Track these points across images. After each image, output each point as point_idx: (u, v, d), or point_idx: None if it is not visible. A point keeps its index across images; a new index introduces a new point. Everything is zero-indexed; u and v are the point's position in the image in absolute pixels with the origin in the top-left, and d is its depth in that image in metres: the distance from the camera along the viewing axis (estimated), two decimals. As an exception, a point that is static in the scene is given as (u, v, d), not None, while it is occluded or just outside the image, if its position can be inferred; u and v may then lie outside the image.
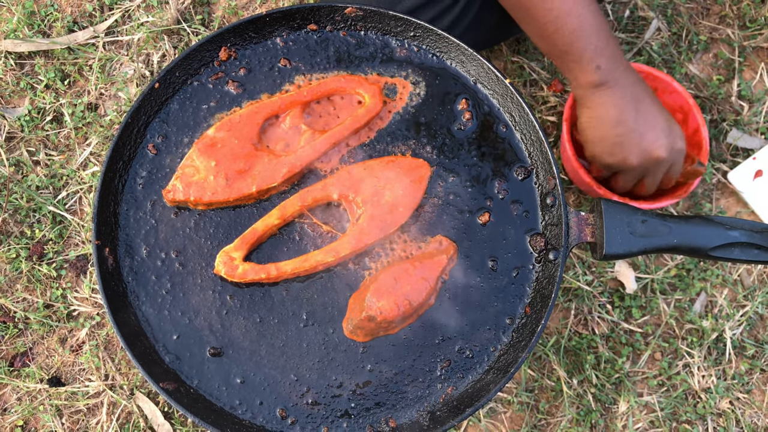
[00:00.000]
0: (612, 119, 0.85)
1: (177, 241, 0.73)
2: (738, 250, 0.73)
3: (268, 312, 0.72)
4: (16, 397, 1.04)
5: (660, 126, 0.86)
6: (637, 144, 0.86)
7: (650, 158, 0.87)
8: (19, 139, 1.12)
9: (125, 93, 1.13)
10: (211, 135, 0.74)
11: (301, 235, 0.74)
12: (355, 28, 0.80)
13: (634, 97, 0.85)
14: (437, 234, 0.75)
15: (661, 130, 0.86)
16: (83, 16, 1.17)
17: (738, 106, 1.15)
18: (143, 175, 0.75)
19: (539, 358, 1.07)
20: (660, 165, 0.88)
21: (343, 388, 0.71)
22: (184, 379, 0.70)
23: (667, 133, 0.86)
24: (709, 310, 1.10)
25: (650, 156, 0.86)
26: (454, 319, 0.73)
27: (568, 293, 1.08)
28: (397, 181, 0.74)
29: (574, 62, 0.83)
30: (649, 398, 1.06)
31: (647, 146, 0.86)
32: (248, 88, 0.78)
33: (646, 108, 0.86)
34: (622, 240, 0.72)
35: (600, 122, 0.86)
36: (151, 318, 0.72)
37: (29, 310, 1.06)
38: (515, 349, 0.71)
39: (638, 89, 0.85)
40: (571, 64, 0.84)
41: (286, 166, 0.74)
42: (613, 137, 0.86)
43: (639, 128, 0.85)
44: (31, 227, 1.09)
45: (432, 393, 0.71)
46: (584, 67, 0.83)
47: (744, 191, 1.11)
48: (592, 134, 0.88)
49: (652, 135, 0.85)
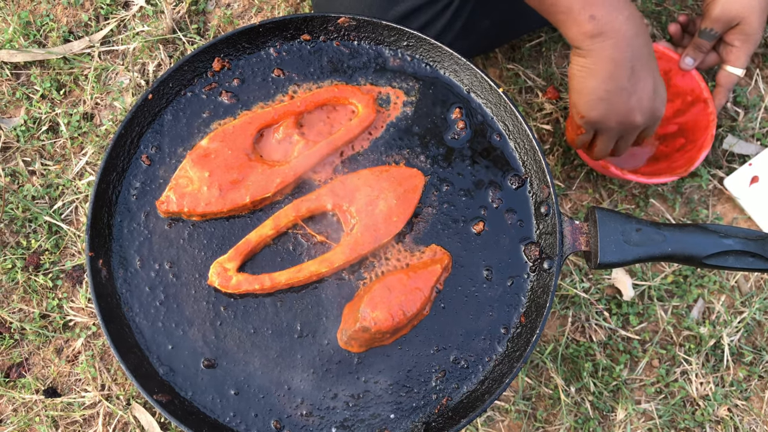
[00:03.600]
0: (605, 73, 0.79)
1: (171, 252, 0.73)
2: (733, 258, 0.72)
3: (262, 323, 0.72)
4: (11, 408, 1.04)
5: (649, 88, 0.82)
6: (623, 103, 0.81)
7: (629, 122, 0.83)
8: (14, 149, 1.12)
9: (121, 102, 1.13)
10: (205, 146, 0.74)
11: (295, 246, 0.74)
12: (348, 38, 0.80)
13: (633, 52, 0.79)
14: (431, 243, 0.75)
15: (648, 93, 0.82)
16: (79, 25, 1.17)
17: (734, 112, 1.15)
18: (137, 186, 0.75)
19: (536, 366, 1.06)
20: (636, 129, 0.85)
21: (338, 399, 0.71)
22: (178, 391, 0.70)
23: (653, 97, 0.83)
24: (706, 317, 1.09)
25: (630, 119, 0.83)
26: (449, 329, 0.73)
27: (565, 300, 1.08)
28: (391, 191, 0.74)
29: (564, 14, 0.78)
30: (647, 406, 1.06)
31: (631, 108, 0.82)
32: (242, 98, 0.78)
33: (641, 66, 0.80)
34: (617, 249, 0.72)
35: (591, 74, 0.80)
36: (145, 329, 0.71)
37: (25, 320, 1.06)
38: (510, 358, 0.71)
39: (639, 43, 0.79)
40: (560, 16, 0.78)
41: (280, 176, 0.74)
42: (601, 92, 0.80)
43: (629, 87, 0.80)
44: (27, 237, 1.09)
45: (427, 403, 0.71)
46: (576, 17, 0.77)
47: (740, 197, 1.11)
48: (580, 84, 0.82)
49: (639, 97, 0.81)
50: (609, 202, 1.12)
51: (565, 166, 1.13)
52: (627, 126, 0.84)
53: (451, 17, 0.94)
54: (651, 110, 0.83)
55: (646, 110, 0.83)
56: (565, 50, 1.17)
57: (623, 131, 0.86)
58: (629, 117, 0.83)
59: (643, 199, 1.12)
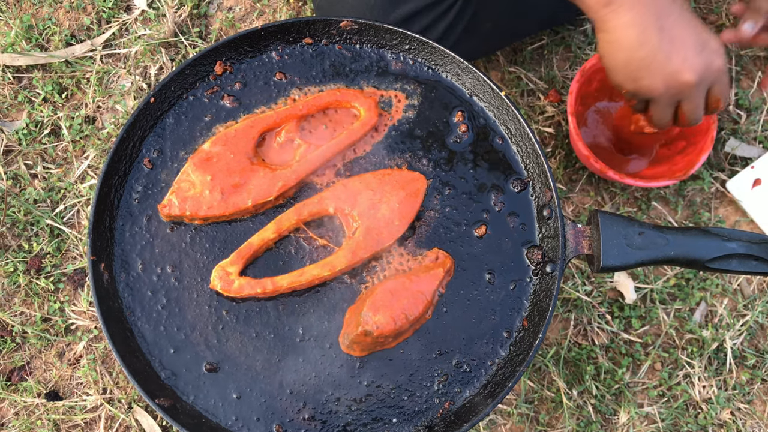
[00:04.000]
0: (631, 42, 0.74)
1: (173, 256, 0.73)
2: (736, 262, 0.72)
3: (264, 327, 0.72)
4: (13, 412, 1.04)
5: (690, 43, 0.74)
6: (663, 67, 0.75)
7: (679, 83, 0.76)
8: (16, 153, 1.12)
9: (123, 106, 1.13)
10: (207, 149, 0.74)
11: (297, 249, 0.74)
12: (350, 42, 0.80)
13: (657, 11, 0.73)
14: (434, 247, 0.74)
15: (692, 47, 0.74)
16: (81, 29, 1.17)
17: (736, 115, 1.15)
18: (139, 190, 0.75)
19: (539, 370, 1.06)
20: (693, 90, 0.77)
21: (340, 403, 0.70)
22: (180, 395, 0.70)
23: (699, 50, 0.75)
24: (709, 320, 1.09)
25: (678, 80, 0.75)
26: (451, 333, 0.72)
27: (567, 304, 1.08)
28: (393, 195, 0.74)
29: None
30: (650, 409, 1.05)
31: (675, 69, 0.75)
32: (244, 102, 0.78)
33: (672, 23, 0.74)
34: (619, 252, 0.72)
35: (618, 47, 0.75)
36: (147, 334, 0.71)
37: (27, 323, 1.06)
38: (513, 362, 0.71)
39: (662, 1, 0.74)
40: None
41: (282, 180, 0.74)
42: (634, 62, 0.75)
43: (665, 48, 0.74)
44: (29, 241, 1.09)
45: (430, 408, 0.71)
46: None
47: (743, 200, 1.10)
48: (611, 61, 0.77)
49: (680, 55, 0.74)
50: (611, 205, 1.12)
51: (567, 170, 1.13)
52: (679, 89, 0.77)
53: (453, 20, 0.94)
54: (702, 65, 0.75)
55: (695, 66, 0.75)
56: (567, 53, 1.17)
57: (677, 95, 0.78)
58: (677, 78, 0.76)
59: (645, 202, 1.12)
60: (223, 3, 1.19)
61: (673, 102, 0.80)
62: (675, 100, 0.79)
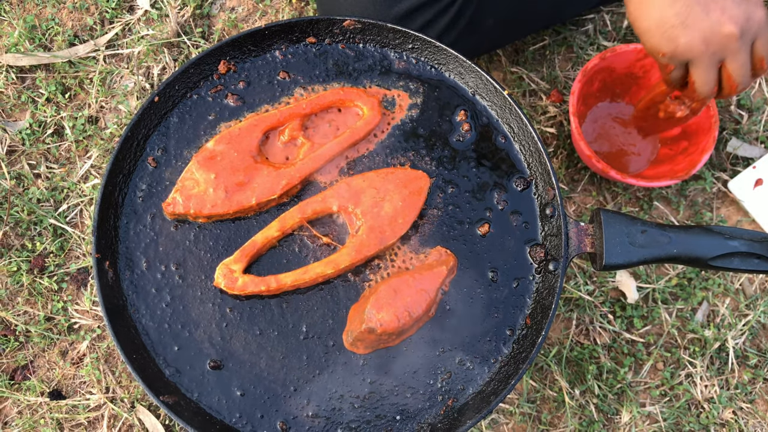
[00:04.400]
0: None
1: (177, 253, 0.73)
2: (738, 260, 0.72)
3: (267, 324, 0.72)
4: (16, 411, 1.04)
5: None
6: (700, 20, 0.71)
7: (720, 36, 0.71)
8: (20, 153, 1.12)
9: (125, 106, 1.13)
10: (211, 148, 0.74)
11: (301, 247, 0.74)
12: (353, 41, 0.80)
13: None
14: (437, 245, 0.75)
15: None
16: (84, 29, 1.17)
17: (737, 115, 1.15)
18: (143, 188, 0.75)
19: (541, 369, 1.06)
20: (737, 43, 0.72)
21: (344, 401, 0.71)
22: (184, 392, 0.70)
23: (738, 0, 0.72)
24: (711, 320, 1.09)
25: (720, 33, 0.71)
26: (454, 331, 0.73)
27: (569, 303, 1.08)
28: (396, 193, 0.74)
29: None
30: (652, 408, 1.05)
31: (715, 21, 0.71)
32: (248, 100, 0.78)
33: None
34: (622, 250, 0.72)
35: (650, 4, 0.72)
36: (151, 331, 0.72)
37: (30, 323, 1.06)
38: (516, 360, 0.71)
39: None
40: None
41: (285, 178, 0.74)
42: (669, 19, 0.72)
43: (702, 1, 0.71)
44: (32, 240, 1.09)
45: (433, 405, 0.71)
46: None
47: (744, 200, 1.11)
48: (645, 24, 0.73)
49: (719, 5, 0.71)
50: (613, 204, 1.12)
51: (569, 169, 1.13)
52: (721, 44, 0.72)
53: (454, 15, 0.94)
54: (743, 15, 0.71)
55: (736, 17, 0.71)
56: (569, 53, 1.18)
57: (720, 52, 0.73)
58: (719, 31, 0.71)
59: (647, 201, 1.12)
60: (226, 3, 1.20)
61: (717, 61, 0.74)
62: (718, 59, 0.74)
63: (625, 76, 1.09)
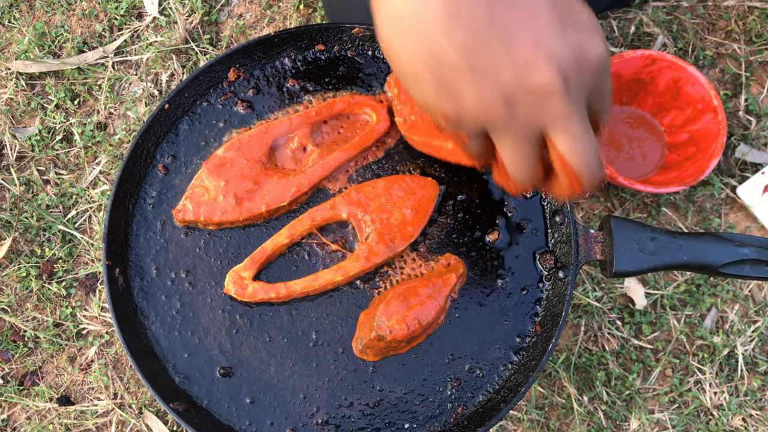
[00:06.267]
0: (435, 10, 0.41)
1: (187, 260, 0.74)
2: (749, 267, 0.72)
3: (277, 331, 0.72)
4: (25, 416, 1.04)
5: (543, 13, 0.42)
6: (498, 61, 0.42)
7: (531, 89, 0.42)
8: (29, 159, 1.13)
9: (134, 112, 1.14)
10: (221, 155, 0.75)
11: (310, 254, 0.74)
12: (363, 48, 0.80)
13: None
14: (446, 252, 0.75)
15: (547, 21, 0.42)
16: (93, 36, 1.18)
17: (746, 121, 1.15)
18: (153, 195, 0.75)
19: (549, 375, 1.06)
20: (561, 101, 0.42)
21: (353, 408, 0.71)
22: (194, 400, 0.70)
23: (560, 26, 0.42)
24: (720, 326, 1.09)
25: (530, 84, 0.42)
26: (463, 338, 0.73)
27: (577, 309, 1.08)
28: (405, 200, 0.74)
29: None
30: (661, 415, 1.05)
31: (520, 63, 0.42)
32: (257, 108, 0.78)
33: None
34: (632, 257, 0.72)
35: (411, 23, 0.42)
36: (161, 338, 0.72)
37: (39, 328, 1.07)
38: (526, 368, 0.71)
39: None
40: None
41: (295, 185, 0.74)
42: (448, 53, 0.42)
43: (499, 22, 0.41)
44: (41, 246, 1.09)
45: (442, 412, 0.71)
46: None
47: (753, 206, 1.10)
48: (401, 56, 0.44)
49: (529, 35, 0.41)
50: (621, 210, 1.12)
51: (576, 175, 1.13)
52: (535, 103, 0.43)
53: None
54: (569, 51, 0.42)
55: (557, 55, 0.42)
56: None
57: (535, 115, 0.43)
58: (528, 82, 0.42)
59: (655, 207, 1.12)
60: (234, 10, 1.20)
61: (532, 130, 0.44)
62: (534, 127, 0.44)
63: (632, 81, 1.09)
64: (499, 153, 0.47)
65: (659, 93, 1.10)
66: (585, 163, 0.44)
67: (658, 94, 1.10)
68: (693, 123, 1.09)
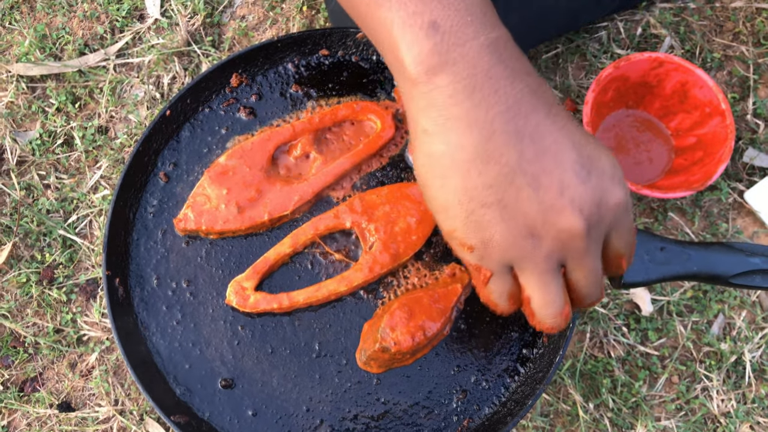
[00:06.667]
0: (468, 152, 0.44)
1: (188, 270, 0.73)
2: (759, 278, 0.71)
3: (280, 343, 0.71)
4: (26, 423, 1.04)
5: (568, 160, 0.45)
6: (526, 202, 0.45)
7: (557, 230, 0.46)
8: (30, 163, 1.12)
9: (135, 116, 1.13)
10: (223, 163, 0.74)
11: (314, 264, 0.73)
12: (367, 53, 0.79)
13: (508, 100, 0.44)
14: (452, 262, 0.73)
15: (572, 167, 0.45)
16: (94, 38, 1.17)
17: (754, 125, 1.13)
18: (154, 204, 0.74)
19: (554, 382, 1.05)
20: (582, 242, 0.46)
21: (357, 421, 0.69)
22: (195, 412, 0.69)
23: (585, 172, 0.46)
24: (727, 333, 1.08)
25: (556, 226, 0.46)
26: (469, 350, 0.71)
27: (583, 316, 1.07)
28: (410, 209, 0.73)
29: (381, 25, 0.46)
30: (667, 423, 1.04)
31: (548, 207, 0.45)
32: (260, 114, 0.77)
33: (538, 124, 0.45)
34: (641, 268, 0.70)
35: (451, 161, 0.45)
36: (162, 349, 0.71)
37: (39, 334, 1.06)
38: (533, 380, 0.70)
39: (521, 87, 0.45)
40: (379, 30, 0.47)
41: (298, 193, 0.73)
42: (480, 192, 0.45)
43: (528, 166, 0.44)
44: (42, 251, 1.08)
45: (448, 425, 0.70)
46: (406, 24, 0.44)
47: (761, 211, 1.09)
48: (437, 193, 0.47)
49: (555, 180, 0.45)
50: (627, 215, 1.11)
51: (582, 180, 1.11)
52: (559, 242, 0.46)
53: None
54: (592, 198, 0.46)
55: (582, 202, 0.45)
56: (582, 62, 1.16)
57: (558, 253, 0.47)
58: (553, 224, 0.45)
59: (662, 212, 1.11)
60: (236, 12, 1.19)
61: (555, 265, 0.48)
62: (556, 262, 0.48)
63: (639, 84, 1.08)
64: (526, 289, 0.50)
65: (666, 96, 1.08)
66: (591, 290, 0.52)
67: (665, 98, 1.09)
68: (700, 127, 1.07)
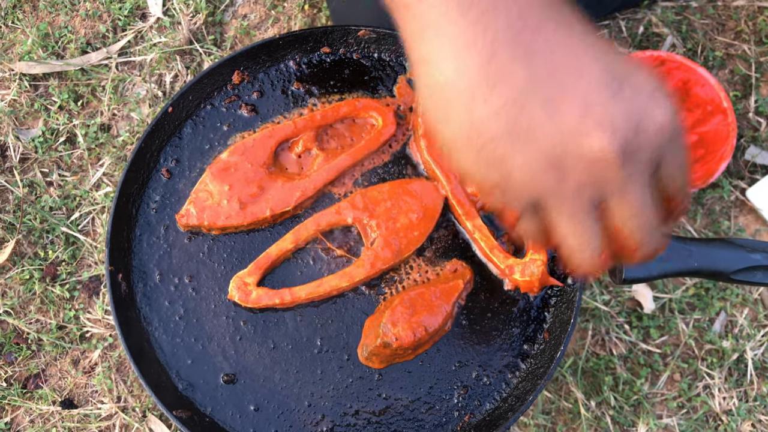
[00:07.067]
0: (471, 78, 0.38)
1: (190, 266, 0.73)
2: (761, 274, 0.71)
3: (282, 338, 0.71)
4: (28, 420, 1.04)
5: (594, 74, 0.37)
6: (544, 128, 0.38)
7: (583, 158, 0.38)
8: (33, 161, 1.12)
9: (138, 113, 1.13)
10: (225, 159, 0.74)
11: (315, 260, 0.73)
12: (368, 50, 0.79)
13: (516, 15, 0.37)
14: (453, 258, 0.74)
15: (597, 82, 0.37)
16: (96, 37, 1.17)
17: (756, 123, 1.13)
18: (156, 200, 0.74)
19: (556, 380, 1.05)
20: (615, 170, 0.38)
21: (359, 416, 0.70)
22: (197, 407, 0.70)
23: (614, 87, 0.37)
24: (729, 330, 1.08)
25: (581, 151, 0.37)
26: (470, 345, 0.72)
27: (585, 313, 1.07)
28: (412, 205, 0.73)
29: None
30: (669, 420, 1.04)
31: (570, 128, 0.37)
32: (262, 111, 0.77)
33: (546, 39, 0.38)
34: (642, 264, 0.70)
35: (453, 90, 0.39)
36: (165, 344, 0.71)
37: (42, 331, 1.06)
38: (534, 375, 0.70)
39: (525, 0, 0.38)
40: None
41: (300, 189, 0.73)
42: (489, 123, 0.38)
43: (543, 87, 0.37)
44: (45, 248, 1.09)
45: (449, 421, 0.70)
46: None
47: (763, 209, 1.09)
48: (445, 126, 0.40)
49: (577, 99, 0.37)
50: (629, 213, 1.11)
51: (584, 177, 1.12)
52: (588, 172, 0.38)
53: None
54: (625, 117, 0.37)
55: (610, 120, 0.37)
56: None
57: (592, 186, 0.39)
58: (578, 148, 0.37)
59: (664, 210, 1.11)
60: (238, 11, 1.19)
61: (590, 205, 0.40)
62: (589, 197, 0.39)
63: (641, 83, 1.08)
64: (557, 229, 0.41)
65: None
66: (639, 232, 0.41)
67: None
68: (702, 125, 1.07)
